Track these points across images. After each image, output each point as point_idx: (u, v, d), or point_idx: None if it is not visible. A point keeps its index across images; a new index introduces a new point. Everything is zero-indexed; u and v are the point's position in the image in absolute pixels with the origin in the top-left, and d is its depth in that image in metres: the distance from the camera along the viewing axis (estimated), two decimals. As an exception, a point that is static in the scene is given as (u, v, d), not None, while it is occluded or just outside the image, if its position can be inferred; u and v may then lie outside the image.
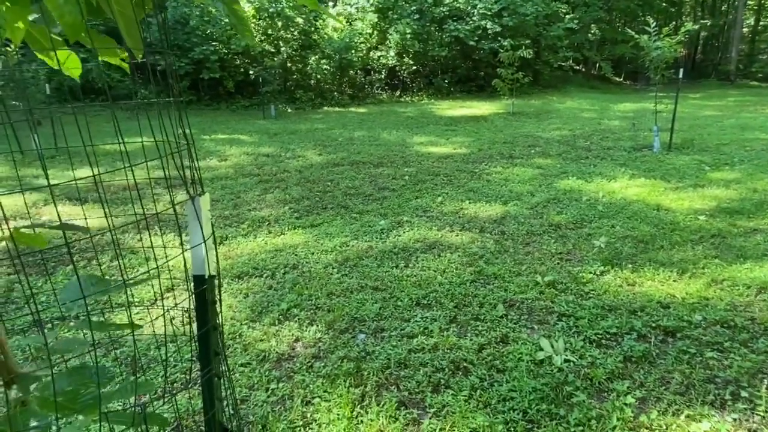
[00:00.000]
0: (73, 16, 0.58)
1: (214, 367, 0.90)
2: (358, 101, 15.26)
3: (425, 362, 2.45)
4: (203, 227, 0.82)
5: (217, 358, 0.90)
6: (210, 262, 0.85)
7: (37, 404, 0.74)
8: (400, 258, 3.70)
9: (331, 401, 2.20)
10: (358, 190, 5.63)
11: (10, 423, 0.66)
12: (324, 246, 4.01)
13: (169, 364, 2.48)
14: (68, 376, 0.81)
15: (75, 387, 0.77)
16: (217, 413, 0.92)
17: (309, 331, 2.77)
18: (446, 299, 3.05)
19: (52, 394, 0.75)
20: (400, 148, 7.89)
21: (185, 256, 0.94)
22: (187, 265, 0.95)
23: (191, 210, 0.81)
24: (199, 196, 0.81)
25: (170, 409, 2.14)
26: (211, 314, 0.87)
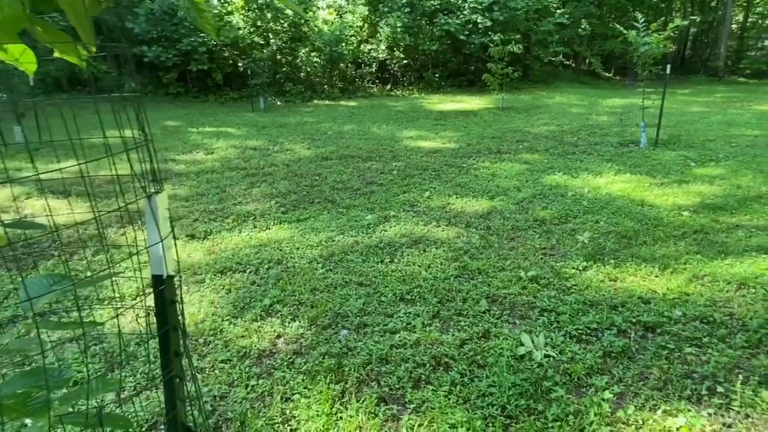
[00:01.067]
0: (12, 8, 0.56)
1: (175, 368, 0.88)
2: (349, 95, 15.17)
3: (407, 358, 2.45)
4: (159, 226, 0.81)
5: (178, 359, 0.89)
6: (168, 262, 0.84)
7: (-14, 408, 0.72)
8: (386, 253, 3.70)
9: (310, 398, 2.20)
10: (346, 184, 5.61)
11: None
12: (309, 241, 3.99)
13: (148, 360, 2.46)
14: (21, 379, 0.79)
15: (27, 389, 0.75)
16: (179, 414, 0.91)
17: (291, 327, 2.76)
18: (430, 294, 3.05)
19: (2, 396, 0.73)
20: (389, 142, 7.87)
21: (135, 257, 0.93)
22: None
23: (148, 208, 0.79)
24: (156, 194, 0.80)
25: (145, 408, 2.12)
26: (170, 314, 0.86)
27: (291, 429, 2.03)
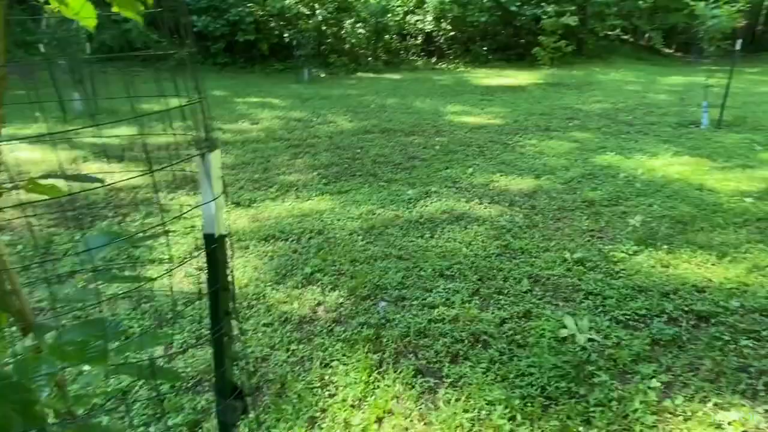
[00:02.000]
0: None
1: (224, 326, 0.90)
2: (393, 67, 14.95)
3: (445, 333, 2.43)
4: (213, 185, 0.80)
5: (227, 318, 0.90)
6: (220, 221, 0.84)
7: (48, 351, 0.75)
8: (426, 228, 3.66)
9: (349, 365, 2.23)
10: (388, 158, 5.56)
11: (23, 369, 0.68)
12: (350, 213, 4.00)
13: (195, 320, 2.56)
14: (81, 328, 0.81)
15: (86, 338, 0.78)
16: (226, 372, 0.92)
17: (331, 296, 2.79)
18: (470, 271, 3.01)
19: (63, 343, 0.76)
20: (432, 117, 7.73)
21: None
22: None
23: (201, 166, 0.79)
24: (209, 152, 0.79)
25: (191, 365, 2.21)
26: (221, 274, 0.86)
27: (329, 394, 2.07)
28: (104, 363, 0.74)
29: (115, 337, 0.82)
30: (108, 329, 0.81)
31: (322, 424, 1.91)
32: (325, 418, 1.94)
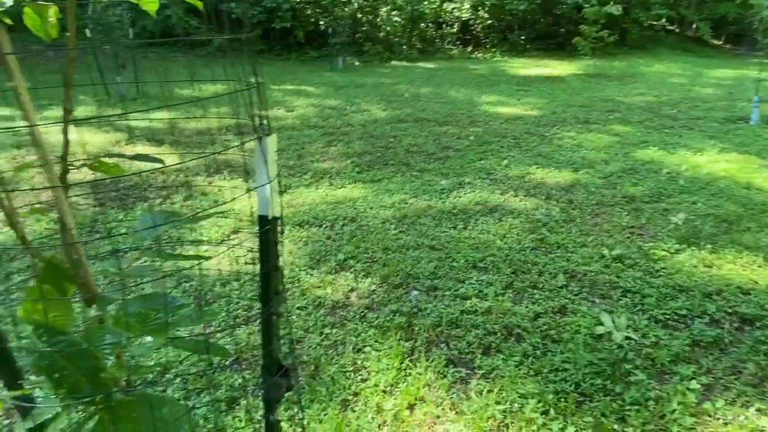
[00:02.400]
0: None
1: (274, 306, 0.92)
2: (427, 56, 14.80)
3: (477, 324, 2.43)
4: (269, 167, 0.82)
5: (277, 298, 0.92)
6: (274, 203, 0.86)
7: (113, 322, 0.79)
8: (459, 219, 3.64)
9: (381, 351, 2.25)
10: (421, 148, 5.54)
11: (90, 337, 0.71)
12: (383, 202, 4.01)
13: (232, 300, 2.63)
14: (141, 301, 0.85)
15: (146, 311, 0.82)
16: (274, 350, 0.95)
17: (364, 283, 2.82)
18: (504, 264, 2.98)
19: (125, 314, 0.80)
20: (467, 107, 7.63)
21: (245, 197, 0.95)
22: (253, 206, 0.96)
23: (258, 149, 0.81)
24: (267, 136, 0.81)
25: (231, 342, 2.28)
26: (272, 255, 0.89)
27: (362, 378, 2.10)
28: (165, 335, 0.77)
29: (173, 312, 0.85)
30: (166, 304, 0.84)
31: (355, 407, 1.94)
32: (357, 401, 1.98)
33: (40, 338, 0.70)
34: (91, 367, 0.71)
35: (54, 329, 0.70)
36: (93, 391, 0.72)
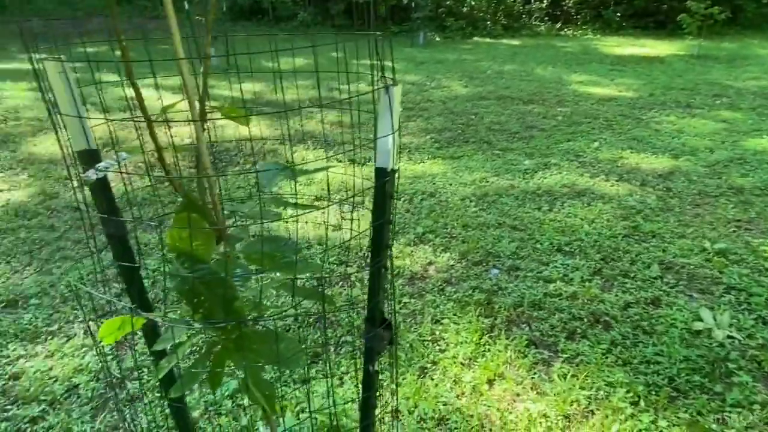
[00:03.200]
0: None
1: (383, 259, 0.93)
2: (512, 32, 14.18)
3: (561, 308, 2.34)
4: (394, 118, 0.82)
5: (386, 251, 0.93)
6: (393, 156, 0.86)
7: (244, 257, 0.84)
8: (544, 201, 3.50)
9: (459, 325, 2.24)
10: (504, 126, 5.36)
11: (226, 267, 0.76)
12: (463, 179, 3.94)
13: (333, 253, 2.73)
14: (267, 241, 0.89)
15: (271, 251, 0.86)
16: (380, 302, 0.97)
17: (442, 257, 2.81)
18: (592, 250, 2.84)
19: (254, 252, 0.84)
20: (554, 86, 7.25)
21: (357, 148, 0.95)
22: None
23: (385, 99, 0.81)
24: (393, 86, 0.81)
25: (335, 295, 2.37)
26: (387, 208, 0.89)
27: (440, 349, 2.11)
28: (293, 273, 0.81)
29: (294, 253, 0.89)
30: (288, 246, 0.88)
31: (433, 376, 1.96)
32: (435, 370, 1.99)
33: (183, 265, 0.76)
34: (226, 296, 0.76)
35: (195, 257, 0.75)
36: (225, 318, 0.77)
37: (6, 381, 1.96)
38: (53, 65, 0.82)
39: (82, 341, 2.17)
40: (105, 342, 0.82)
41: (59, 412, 1.82)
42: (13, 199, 3.57)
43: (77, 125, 0.85)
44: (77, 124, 0.85)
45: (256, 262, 0.82)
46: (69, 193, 3.68)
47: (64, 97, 0.83)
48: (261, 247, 0.85)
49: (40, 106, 5.84)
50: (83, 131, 0.86)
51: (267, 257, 0.81)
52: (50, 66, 0.82)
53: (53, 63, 0.81)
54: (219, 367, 0.88)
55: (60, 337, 2.19)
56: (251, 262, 0.83)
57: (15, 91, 6.55)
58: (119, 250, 0.96)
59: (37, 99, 6.18)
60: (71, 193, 3.69)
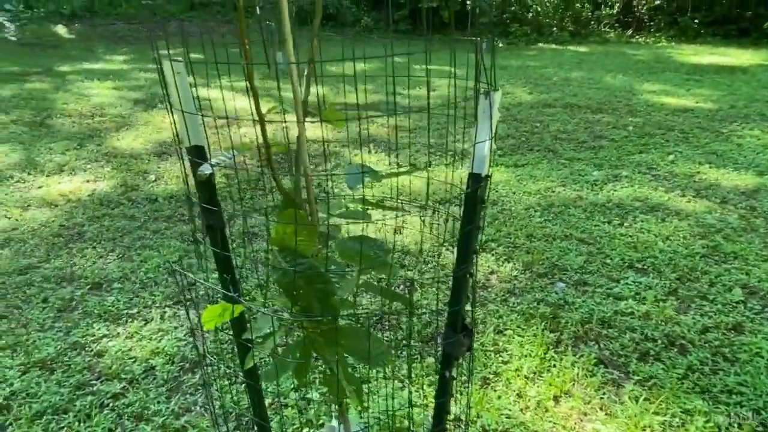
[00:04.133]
0: None
1: (470, 265, 0.93)
2: (580, 39, 13.73)
3: (633, 328, 2.24)
4: (492, 124, 0.82)
5: (473, 258, 0.93)
6: (488, 162, 0.85)
7: (339, 255, 0.86)
8: (614, 214, 3.36)
9: (523, 338, 2.19)
10: (571, 135, 5.19)
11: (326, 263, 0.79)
12: (527, 188, 3.86)
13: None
14: (356, 241, 0.91)
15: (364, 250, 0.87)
16: (462, 308, 0.97)
17: (505, 267, 2.76)
18: (667, 268, 2.69)
19: (348, 249, 0.87)
20: (625, 95, 6.95)
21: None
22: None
23: (485, 104, 0.81)
24: (494, 91, 0.80)
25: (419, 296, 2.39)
26: (478, 214, 0.89)
27: (503, 360, 2.07)
28: (388, 272, 0.82)
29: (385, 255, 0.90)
30: (379, 246, 0.89)
31: (496, 387, 1.92)
32: (498, 381, 1.95)
33: (285, 258, 0.79)
34: (324, 291, 0.78)
35: (297, 252, 0.78)
36: (322, 312, 0.79)
37: (92, 357, 2.11)
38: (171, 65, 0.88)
39: (158, 325, 2.30)
40: (206, 327, 0.86)
41: (138, 391, 1.94)
42: (99, 189, 3.86)
43: (191, 122, 0.91)
44: (191, 121, 0.91)
45: (352, 259, 0.84)
46: (148, 185, 3.92)
47: (182, 95, 0.89)
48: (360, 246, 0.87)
49: (124, 103, 6.27)
50: (195, 128, 0.92)
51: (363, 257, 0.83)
52: (171, 66, 0.88)
53: (172, 63, 0.87)
54: (306, 358, 0.90)
55: (139, 320, 2.34)
56: (346, 259, 0.85)
57: (101, 89, 7.07)
58: (217, 241, 1.01)
59: (120, 97, 6.65)
60: (149, 185, 3.93)
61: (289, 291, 0.79)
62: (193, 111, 0.90)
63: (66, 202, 3.63)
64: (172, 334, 2.24)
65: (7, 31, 11.15)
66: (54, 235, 3.14)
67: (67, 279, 2.67)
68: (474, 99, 0.87)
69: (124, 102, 6.34)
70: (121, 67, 9.02)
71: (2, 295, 2.53)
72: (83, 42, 12.17)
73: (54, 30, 12.75)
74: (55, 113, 5.84)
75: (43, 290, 2.57)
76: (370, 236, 0.92)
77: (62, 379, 1.98)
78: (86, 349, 2.16)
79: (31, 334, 2.24)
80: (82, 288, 2.58)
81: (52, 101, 6.36)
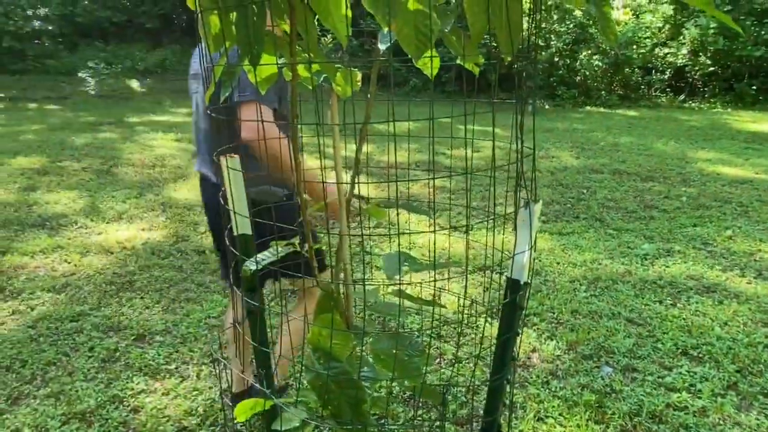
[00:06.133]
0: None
1: (507, 372, 0.90)
2: (629, 102, 13.64)
3: (688, 425, 2.06)
4: (532, 234, 0.82)
5: (511, 364, 0.90)
6: (528, 269, 0.84)
7: (371, 356, 0.86)
8: (666, 293, 3.19)
9: (566, 427, 2.06)
10: (619, 203, 5.06)
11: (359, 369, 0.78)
12: (572, 258, 3.74)
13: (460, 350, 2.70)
14: (390, 338, 0.91)
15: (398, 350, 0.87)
16: (497, 418, 0.93)
17: (548, 345, 2.64)
18: (725, 358, 2.50)
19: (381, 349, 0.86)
20: (677, 163, 6.76)
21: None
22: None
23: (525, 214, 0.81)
24: (534, 203, 0.81)
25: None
26: (516, 320, 0.87)
27: (543, 453, 1.94)
28: (418, 382, 0.81)
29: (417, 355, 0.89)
30: (413, 346, 0.89)
31: (534, 483, 1.80)
32: (536, 477, 1.83)
33: (318, 360, 0.79)
34: (356, 398, 0.78)
35: (331, 355, 0.78)
36: (352, 419, 0.78)
37: (128, 413, 2.14)
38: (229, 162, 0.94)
39: (194, 383, 2.33)
40: (238, 419, 0.87)
41: (168, 453, 1.94)
42: (152, 238, 4.06)
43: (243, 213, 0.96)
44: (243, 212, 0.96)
45: (386, 366, 0.83)
46: (197, 237, 4.10)
47: (234, 188, 0.94)
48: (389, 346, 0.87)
49: (183, 155, 6.68)
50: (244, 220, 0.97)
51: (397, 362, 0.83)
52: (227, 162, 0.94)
53: (228, 159, 0.94)
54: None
55: (176, 377, 2.38)
56: (380, 364, 0.84)
57: (164, 140, 7.59)
58: (256, 327, 1.03)
59: (181, 149, 7.10)
60: (199, 236, 4.10)
61: (320, 393, 0.79)
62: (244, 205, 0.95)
63: (121, 249, 3.83)
64: (206, 394, 2.26)
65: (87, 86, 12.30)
66: (107, 283, 3.29)
67: (114, 329, 2.78)
68: (517, 161, 0.88)
69: (183, 154, 6.76)
70: (185, 119, 9.68)
71: (54, 341, 2.65)
72: (153, 95, 13.24)
73: (128, 84, 13.98)
74: (121, 162, 6.29)
75: (91, 338, 2.67)
76: (404, 333, 0.91)
77: (98, 434, 2.02)
78: (124, 403, 2.20)
79: (75, 383, 2.32)
80: (126, 339, 2.67)
81: (120, 150, 6.87)
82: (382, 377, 0.83)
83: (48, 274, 3.42)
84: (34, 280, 3.31)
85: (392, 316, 0.95)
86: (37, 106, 10.90)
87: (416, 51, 0.70)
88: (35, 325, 2.78)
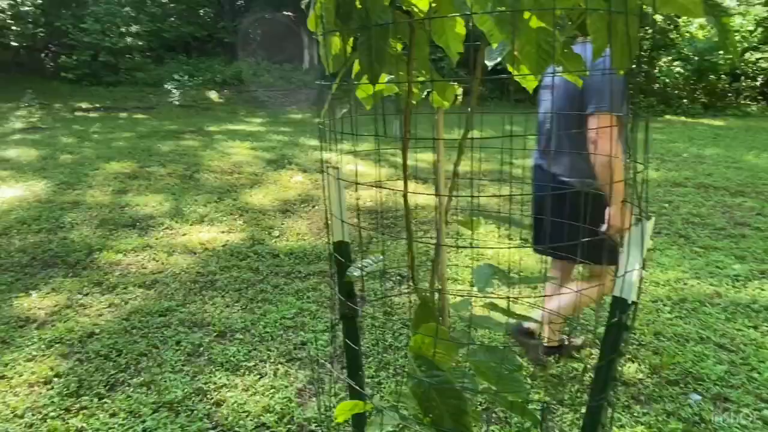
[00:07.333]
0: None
1: (608, 395, 0.87)
2: (714, 111, 12.72)
3: (793, 466, 1.88)
4: (643, 251, 0.79)
5: (612, 384, 0.87)
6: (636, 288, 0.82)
7: (472, 368, 0.87)
8: (762, 318, 2.93)
9: (651, 456, 1.94)
10: (705, 219, 4.72)
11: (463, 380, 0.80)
12: (654, 277, 3.54)
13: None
14: (486, 352, 0.91)
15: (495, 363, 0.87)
16: (597, 438, 0.90)
17: (629, 368, 2.51)
18: (837, 395, 2.25)
19: (479, 361, 0.87)
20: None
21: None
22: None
23: (636, 231, 0.79)
24: (647, 219, 0.78)
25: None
26: (620, 340, 0.85)
27: (625, 481, 1.84)
28: (521, 396, 0.81)
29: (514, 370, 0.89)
30: (510, 360, 0.88)
31: None
32: (619, 506, 1.74)
33: (420, 368, 0.81)
34: (457, 407, 0.79)
35: (433, 363, 0.80)
36: (452, 429, 0.80)
37: (211, 406, 2.27)
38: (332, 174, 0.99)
39: (271, 381, 2.43)
40: (338, 420, 0.91)
41: (248, 447, 2.04)
42: (231, 240, 4.29)
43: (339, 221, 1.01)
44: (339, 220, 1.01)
45: (485, 378, 0.83)
46: (272, 240, 4.28)
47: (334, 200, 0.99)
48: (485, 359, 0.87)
49: (258, 162, 7.02)
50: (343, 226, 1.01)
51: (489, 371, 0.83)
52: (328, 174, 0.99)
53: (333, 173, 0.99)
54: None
55: (254, 374, 2.49)
56: (479, 374, 0.85)
57: (240, 148, 8.00)
58: (349, 331, 1.07)
59: (256, 156, 7.45)
60: (273, 240, 4.28)
61: (421, 401, 0.80)
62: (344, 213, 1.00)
63: (203, 250, 4.08)
64: (283, 392, 2.35)
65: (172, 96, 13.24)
66: (191, 281, 3.52)
67: (198, 324, 2.96)
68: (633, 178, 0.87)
69: (258, 161, 7.10)
70: (258, 129, 10.17)
71: (145, 333, 2.87)
72: (229, 105, 14.02)
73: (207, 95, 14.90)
74: (202, 168, 6.71)
75: (178, 333, 2.86)
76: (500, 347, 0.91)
77: (185, 424, 2.15)
78: (207, 396, 2.34)
79: (164, 374, 2.49)
80: (209, 335, 2.84)
81: (201, 157, 7.33)
82: (484, 390, 0.83)
83: (139, 270, 3.70)
84: (127, 276, 3.60)
85: (496, 329, 0.95)
86: (127, 115, 11.86)
87: (537, 67, 0.71)
88: (129, 318, 3.02)
